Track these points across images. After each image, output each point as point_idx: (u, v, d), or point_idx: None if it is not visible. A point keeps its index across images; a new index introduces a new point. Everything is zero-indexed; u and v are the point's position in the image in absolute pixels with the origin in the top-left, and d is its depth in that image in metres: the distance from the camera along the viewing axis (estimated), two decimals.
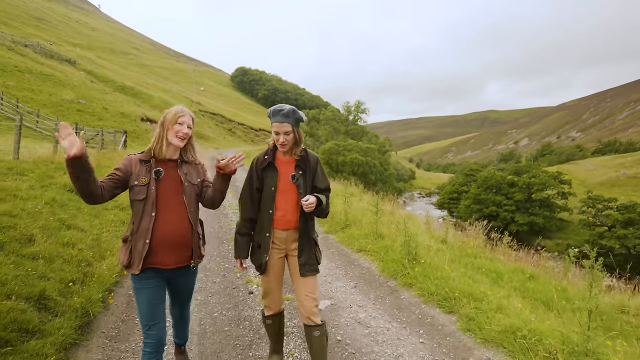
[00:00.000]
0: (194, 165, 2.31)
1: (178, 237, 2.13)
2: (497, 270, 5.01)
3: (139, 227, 2.08)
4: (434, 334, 3.36)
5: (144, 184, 2.10)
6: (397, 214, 8.11)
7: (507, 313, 3.39)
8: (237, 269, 2.62)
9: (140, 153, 2.20)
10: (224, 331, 3.33)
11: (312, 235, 2.50)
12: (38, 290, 3.05)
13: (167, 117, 2.17)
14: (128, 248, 2.10)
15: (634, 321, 3.88)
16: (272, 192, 2.42)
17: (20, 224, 4.14)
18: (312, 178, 2.47)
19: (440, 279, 4.16)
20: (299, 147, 2.45)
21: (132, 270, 2.08)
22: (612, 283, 6.97)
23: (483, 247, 6.39)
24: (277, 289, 2.57)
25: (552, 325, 3.05)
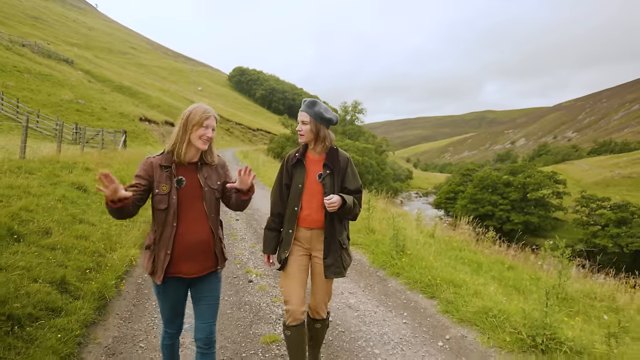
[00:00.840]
0: (214, 167, 2.18)
1: (199, 246, 2.07)
2: (479, 261, 5.40)
3: (161, 237, 2.03)
4: (416, 316, 3.73)
5: (165, 193, 2.01)
6: (389, 211, 8.47)
7: (482, 297, 3.76)
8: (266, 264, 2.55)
9: (159, 155, 2.08)
10: (227, 314, 3.68)
11: (339, 237, 2.43)
12: (59, 276, 3.39)
13: (192, 117, 2.02)
14: (151, 257, 2.06)
15: (598, 305, 4.26)
16: (299, 189, 2.41)
17: (37, 218, 4.48)
18: (341, 178, 2.43)
19: (424, 269, 4.53)
20: (322, 143, 2.42)
21: (155, 279, 2.05)
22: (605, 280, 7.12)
23: (468, 241, 6.78)
24: (297, 289, 2.43)
25: (518, 305, 3.42)
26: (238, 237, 6.55)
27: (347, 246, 2.50)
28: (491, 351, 3.06)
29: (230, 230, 7.02)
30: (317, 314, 2.54)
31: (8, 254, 3.45)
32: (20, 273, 3.16)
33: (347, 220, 2.50)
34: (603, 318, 3.66)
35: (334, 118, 2.41)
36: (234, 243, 6.15)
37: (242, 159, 26.07)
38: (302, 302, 2.43)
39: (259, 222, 7.75)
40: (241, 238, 6.49)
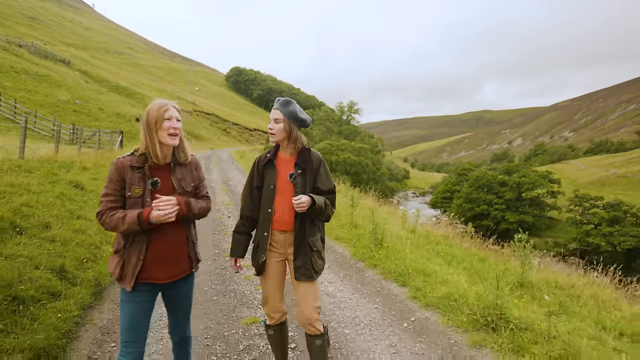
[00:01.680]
0: (187, 167, 2.11)
1: (173, 251, 2.01)
2: (453, 254, 5.76)
3: (133, 242, 1.93)
4: (387, 301, 4.07)
5: (138, 196, 1.92)
6: (374, 207, 8.81)
7: (448, 284, 4.11)
8: (233, 267, 2.50)
9: (128, 155, 1.96)
10: (213, 300, 4.01)
11: (310, 239, 2.37)
12: (59, 264, 3.71)
13: (151, 115, 1.93)
14: (120, 261, 1.94)
15: (557, 292, 4.60)
16: (271, 190, 2.37)
17: (37, 213, 4.79)
18: (313, 178, 2.38)
19: (399, 260, 4.88)
20: (293, 143, 2.38)
21: (124, 285, 1.93)
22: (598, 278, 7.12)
23: (447, 236, 7.13)
24: (275, 295, 2.46)
25: (477, 290, 3.75)
26: (228, 233, 6.88)
27: (318, 249, 2.41)
28: (449, 330, 3.40)
29: (222, 226, 7.34)
30: (311, 327, 2.38)
31: (12, 244, 3.77)
32: (24, 261, 3.48)
33: (320, 221, 2.44)
34: (544, 299, 4.01)
35: (308, 119, 2.39)
36: (225, 238, 6.47)
37: (238, 159, 26.37)
38: (279, 305, 2.47)
39: None
40: (231, 234, 6.81)
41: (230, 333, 3.32)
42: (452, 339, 3.27)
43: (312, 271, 2.36)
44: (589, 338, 3.03)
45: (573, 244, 36.04)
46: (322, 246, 2.49)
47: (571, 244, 35.80)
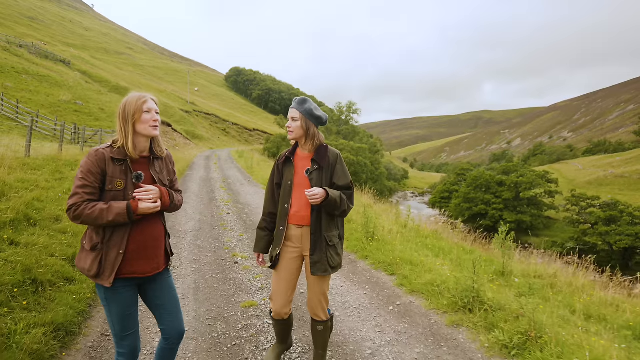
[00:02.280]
0: (164, 161, 2.11)
1: (154, 243, 1.99)
2: (442, 247, 6.06)
3: (112, 236, 1.86)
4: (376, 288, 4.37)
5: (120, 189, 1.87)
6: (368, 204, 9.10)
7: (432, 273, 4.40)
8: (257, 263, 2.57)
9: (107, 147, 1.91)
10: (214, 287, 4.30)
11: (326, 234, 2.42)
12: (71, 253, 4.00)
13: (129, 107, 1.90)
14: (97, 257, 1.86)
15: (537, 281, 4.90)
16: (288, 186, 2.44)
17: (47, 207, 5.09)
18: (330, 174, 2.43)
19: (389, 252, 5.18)
20: (311, 140, 2.44)
21: (102, 281, 1.86)
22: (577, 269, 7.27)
23: (438, 231, 7.44)
24: (284, 291, 2.51)
25: (457, 276, 4.05)
26: (228, 227, 7.17)
27: (335, 244, 2.46)
28: (431, 312, 3.70)
29: (221, 222, 7.63)
30: (316, 316, 2.53)
31: (27, 235, 4.07)
32: (40, 249, 3.78)
33: (337, 217, 2.49)
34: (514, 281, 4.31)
35: (324, 117, 2.45)
36: (224, 232, 6.77)
37: (237, 159, 26.67)
38: (287, 304, 2.52)
39: (248, 216, 8.36)
40: (231, 228, 7.10)
41: (229, 315, 3.61)
42: (433, 319, 3.57)
43: (327, 266, 2.41)
44: (556, 317, 3.33)
45: (570, 243, 36.23)
46: (340, 243, 2.53)
47: (568, 243, 36.02)
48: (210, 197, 10.71)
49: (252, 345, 3.08)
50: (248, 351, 2.99)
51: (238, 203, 9.94)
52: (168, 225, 7.06)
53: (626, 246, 31.57)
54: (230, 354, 2.95)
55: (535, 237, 38.92)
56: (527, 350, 2.85)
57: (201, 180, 14.49)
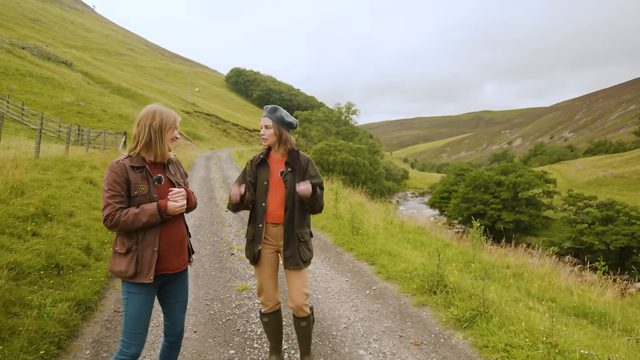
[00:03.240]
0: (175, 165, 2.28)
1: (180, 241, 2.16)
2: (422, 240, 6.58)
3: (144, 237, 2.03)
4: (356, 276, 4.88)
5: (145, 193, 2.03)
6: (354, 201, 9.62)
7: (407, 262, 4.91)
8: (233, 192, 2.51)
9: (125, 158, 2.07)
10: (212, 275, 4.82)
11: (298, 230, 2.59)
12: (85, 244, 4.53)
13: (167, 120, 2.12)
14: (133, 258, 2.01)
15: (506, 270, 5.41)
16: (264, 186, 2.59)
17: (61, 204, 5.61)
18: (302, 176, 2.61)
19: (371, 244, 5.70)
20: (284, 145, 2.62)
21: (141, 279, 2.01)
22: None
23: (421, 227, 7.95)
24: (270, 284, 2.68)
25: (425, 263, 4.55)
26: (226, 223, 7.69)
27: (307, 240, 2.65)
28: (401, 295, 4.22)
29: (220, 219, 8.15)
30: (300, 311, 2.65)
31: (46, 227, 4.59)
32: (59, 239, 4.30)
33: (309, 213, 2.69)
34: (471, 266, 4.82)
35: (294, 122, 2.63)
36: (223, 228, 7.29)
37: (237, 159, 27.19)
38: (273, 294, 2.70)
39: (245, 213, 8.86)
40: (229, 224, 7.62)
41: (225, 296, 4.13)
42: (402, 300, 4.08)
43: (299, 260, 2.59)
44: (508, 298, 3.84)
45: (567, 243, 36.45)
46: (310, 239, 2.74)
47: (565, 243, 36.25)
48: (210, 196, 11.23)
49: (244, 320, 3.60)
50: (240, 324, 3.51)
51: None
52: None
53: (622, 246, 31.83)
54: (225, 327, 3.46)
55: (534, 237, 39.26)
56: (476, 322, 3.36)
57: (201, 180, 15.01)
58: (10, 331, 2.67)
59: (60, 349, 2.83)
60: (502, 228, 37.93)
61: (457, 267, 4.71)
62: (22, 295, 3.10)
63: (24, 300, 3.05)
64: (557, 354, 2.75)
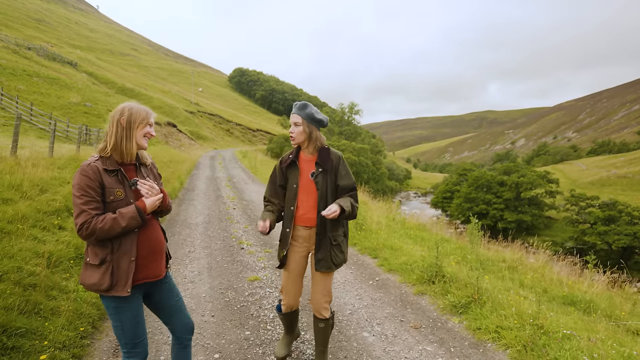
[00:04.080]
0: (149, 167, 2.14)
1: (158, 246, 2.03)
2: (423, 236, 6.87)
3: (120, 245, 1.87)
4: (360, 268, 5.18)
5: (121, 198, 1.88)
6: (362, 200, 9.91)
7: (408, 255, 5.21)
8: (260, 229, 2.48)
9: (96, 160, 1.90)
10: (224, 267, 5.13)
11: (331, 233, 2.53)
12: None
13: (136, 116, 1.96)
14: (108, 270, 1.84)
15: (502, 264, 5.69)
16: (294, 189, 2.52)
17: None
18: (334, 176, 2.52)
19: (374, 239, 6.00)
20: (313, 144, 2.54)
21: (118, 292, 1.85)
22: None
23: (422, 224, 8.25)
24: (294, 287, 2.65)
25: (424, 256, 4.84)
26: (234, 220, 8.00)
27: (339, 243, 2.57)
28: (402, 285, 4.51)
29: (228, 216, 8.46)
30: (319, 313, 2.63)
31: (70, 222, 4.91)
32: None
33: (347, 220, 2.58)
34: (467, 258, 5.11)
35: (325, 120, 2.55)
36: (231, 225, 7.60)
37: (241, 159, 27.53)
38: (297, 296, 2.70)
39: (252, 211, 9.18)
40: (237, 221, 7.93)
41: (238, 286, 4.44)
42: (403, 290, 4.38)
43: (331, 263, 2.54)
44: (501, 287, 4.13)
45: (570, 242, 36.52)
46: (345, 240, 2.65)
47: (568, 243, 36.33)
48: (216, 195, 11.54)
49: (257, 306, 3.90)
50: (253, 310, 3.81)
51: (243, 200, 10.76)
52: (180, 219, 7.92)
53: (624, 245, 31.93)
54: (240, 312, 3.77)
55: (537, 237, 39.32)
56: (470, 308, 3.65)
57: (207, 179, 15.34)
58: (52, 311, 2.99)
59: (95, 329, 3.15)
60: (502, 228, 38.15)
61: (455, 259, 4.99)
62: (57, 281, 3.42)
63: (59, 286, 3.37)
64: (542, 334, 3.04)
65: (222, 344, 3.17)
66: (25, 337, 2.61)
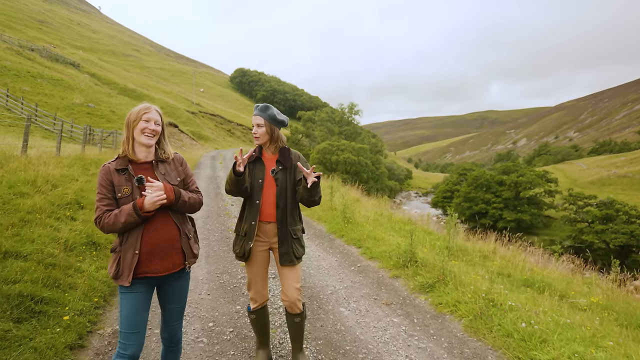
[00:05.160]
0: (171, 163, 2.21)
1: (167, 243, 2.07)
2: (407, 229, 7.33)
3: (127, 238, 2.01)
4: (345, 256, 5.67)
5: (127, 195, 2.02)
6: (355, 197, 10.41)
7: (389, 244, 5.69)
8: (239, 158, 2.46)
9: (113, 161, 2.10)
10: (220, 255, 5.62)
11: (291, 227, 2.62)
12: None
13: (131, 116, 2.07)
14: (116, 259, 2.03)
15: (477, 253, 6.17)
16: (259, 184, 2.59)
17: (89, 195, 6.44)
18: (293, 173, 2.64)
19: (360, 231, 6.48)
20: (275, 143, 2.64)
21: (121, 281, 2.00)
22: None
23: (408, 218, 8.73)
24: (260, 280, 2.69)
25: (400, 244, 5.32)
26: (232, 215, 8.50)
27: (298, 237, 2.68)
28: (380, 270, 5.00)
29: (226, 211, 8.96)
30: (293, 308, 2.67)
31: (81, 214, 5.41)
32: (92, 224, 5.11)
33: (311, 204, 2.63)
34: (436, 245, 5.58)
35: (285, 120, 2.65)
36: (229, 219, 8.10)
37: None
38: (263, 290, 2.72)
39: None
40: (234, 216, 8.43)
41: (232, 271, 4.93)
42: (381, 274, 4.87)
43: (293, 257, 2.62)
44: (469, 271, 4.60)
45: (568, 241, 36.74)
46: (302, 234, 2.78)
47: (566, 242, 36.56)
48: (216, 192, 12.05)
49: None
50: (244, 289, 4.31)
51: (240, 197, 11.24)
52: None
53: (621, 244, 32.17)
54: (232, 291, 4.26)
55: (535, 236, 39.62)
56: (436, 287, 4.14)
57: (208, 178, 15.85)
58: (69, 286, 3.49)
59: (106, 302, 3.65)
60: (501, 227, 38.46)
61: (427, 247, 5.47)
62: (73, 262, 3.92)
63: (75, 266, 3.88)
64: (492, 306, 3.52)
65: (216, 315, 3.66)
66: (49, 305, 3.11)
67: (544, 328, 3.11)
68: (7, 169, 6.26)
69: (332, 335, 3.37)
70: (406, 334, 3.40)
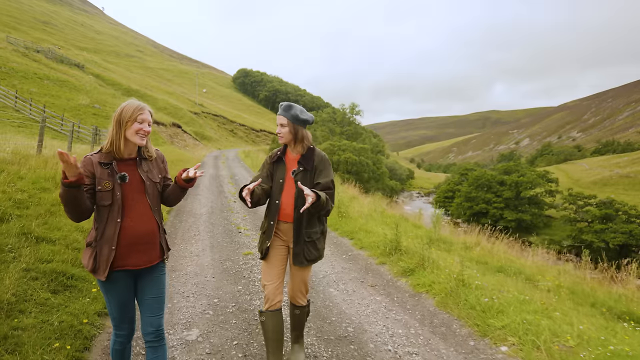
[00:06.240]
0: (154, 161, 2.23)
1: (146, 237, 2.08)
2: (398, 223, 7.83)
3: (103, 233, 2.00)
4: (337, 247, 6.19)
5: (108, 189, 2.00)
6: (353, 195, 10.93)
7: (378, 236, 6.19)
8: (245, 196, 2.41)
9: (96, 153, 2.06)
10: (224, 245, 6.14)
11: (305, 230, 2.61)
12: None
13: (124, 114, 2.04)
14: (93, 253, 2.01)
15: (461, 244, 6.67)
16: (280, 184, 2.61)
17: None
18: (313, 174, 2.60)
19: (353, 225, 6.99)
20: (300, 143, 2.63)
21: (98, 276, 2.00)
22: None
23: (400, 214, 9.24)
24: (276, 279, 2.65)
25: (387, 234, 5.83)
26: (234, 211, 9.03)
27: (313, 240, 2.64)
28: (369, 258, 5.52)
29: (229, 207, 9.49)
30: (295, 301, 2.78)
31: None
32: None
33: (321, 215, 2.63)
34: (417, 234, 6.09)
35: (310, 118, 2.61)
36: (231, 214, 8.62)
37: (244, 158, 28.60)
38: (278, 290, 2.64)
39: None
40: (236, 212, 8.96)
41: (234, 258, 5.45)
42: (369, 261, 5.38)
43: (303, 258, 2.62)
44: (448, 258, 5.10)
45: (567, 241, 36.95)
46: (322, 237, 2.73)
47: (566, 241, 36.76)
48: (219, 190, 12.57)
49: (248, 271, 4.92)
50: (245, 273, 4.83)
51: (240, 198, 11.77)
52: (186, 210, 8.95)
53: (620, 243, 32.38)
54: (235, 275, 4.78)
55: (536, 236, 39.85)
56: (416, 271, 4.65)
57: (211, 177, 16.39)
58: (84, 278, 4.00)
59: None
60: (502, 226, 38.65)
61: (411, 237, 5.98)
62: None
63: None
64: (462, 286, 4.02)
65: (220, 294, 4.18)
66: (77, 281, 3.63)
67: (503, 302, 3.61)
68: (28, 166, 6.79)
69: (320, 310, 3.88)
70: (386, 309, 3.91)
